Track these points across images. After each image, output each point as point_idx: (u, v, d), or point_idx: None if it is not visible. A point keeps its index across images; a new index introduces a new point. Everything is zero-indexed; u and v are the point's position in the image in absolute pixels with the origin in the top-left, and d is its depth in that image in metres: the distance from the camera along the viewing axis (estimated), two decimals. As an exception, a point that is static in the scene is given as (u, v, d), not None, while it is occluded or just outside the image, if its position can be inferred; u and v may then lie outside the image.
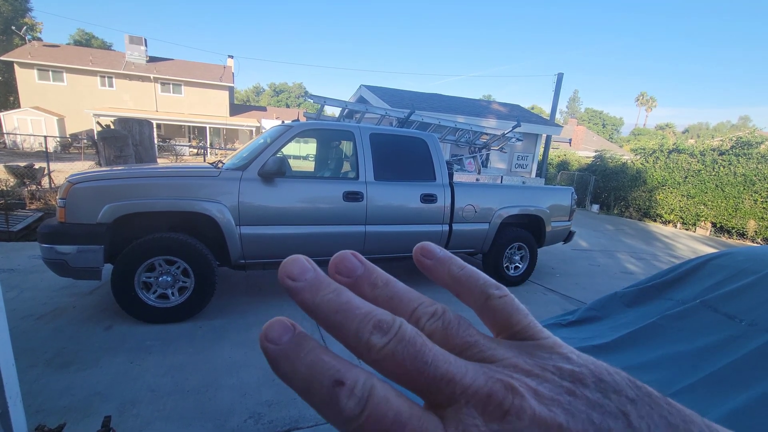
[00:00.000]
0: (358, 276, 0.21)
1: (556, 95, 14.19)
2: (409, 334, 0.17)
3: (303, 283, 0.19)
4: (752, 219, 9.84)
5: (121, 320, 3.00)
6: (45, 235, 2.77)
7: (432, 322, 0.20)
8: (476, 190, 4.32)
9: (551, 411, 0.16)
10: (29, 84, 23.27)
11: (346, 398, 0.16)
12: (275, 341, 0.17)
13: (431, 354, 0.17)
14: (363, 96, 12.83)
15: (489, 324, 0.22)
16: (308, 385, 0.16)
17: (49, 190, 7.37)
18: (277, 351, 0.17)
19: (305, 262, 0.19)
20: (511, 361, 0.18)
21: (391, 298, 0.20)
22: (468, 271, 0.23)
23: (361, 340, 0.17)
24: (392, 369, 0.17)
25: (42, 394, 2.13)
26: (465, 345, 0.19)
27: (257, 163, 3.26)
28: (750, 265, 1.29)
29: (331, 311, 0.18)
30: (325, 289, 0.19)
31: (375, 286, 0.21)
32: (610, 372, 0.18)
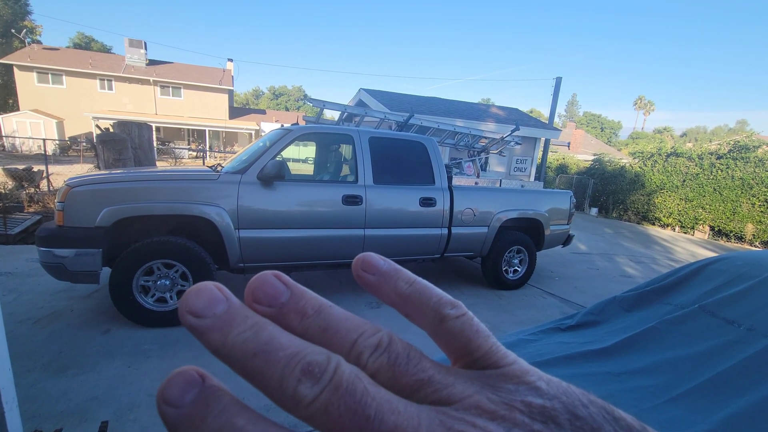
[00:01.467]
0: (282, 303, 0.16)
1: (554, 99, 14.25)
2: (346, 379, 0.14)
3: (210, 320, 0.15)
4: (750, 222, 9.87)
5: (119, 324, 2.99)
6: (43, 239, 2.76)
7: (375, 358, 0.16)
8: (475, 194, 4.32)
9: None
10: (28, 87, 23.27)
11: None
12: (174, 403, 0.14)
13: (374, 404, 0.13)
14: (362, 99, 12.86)
15: (445, 349, 0.19)
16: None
17: (47, 193, 7.36)
18: (176, 416, 0.14)
19: (214, 291, 0.15)
20: (473, 400, 0.15)
21: (324, 329, 0.16)
22: (418, 287, 0.19)
23: (286, 390, 0.14)
24: (327, 426, 0.13)
25: (38, 399, 2.12)
26: (417, 384, 0.16)
27: (256, 166, 3.27)
28: (748, 270, 1.29)
29: (248, 355, 0.14)
30: (239, 326, 0.15)
31: (304, 315, 0.16)
32: (584, 403, 0.16)
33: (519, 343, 1.42)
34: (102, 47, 37.18)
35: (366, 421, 0.13)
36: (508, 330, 3.45)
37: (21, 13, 28.60)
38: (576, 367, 1.21)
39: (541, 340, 1.43)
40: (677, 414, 0.97)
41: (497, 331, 3.47)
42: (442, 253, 4.16)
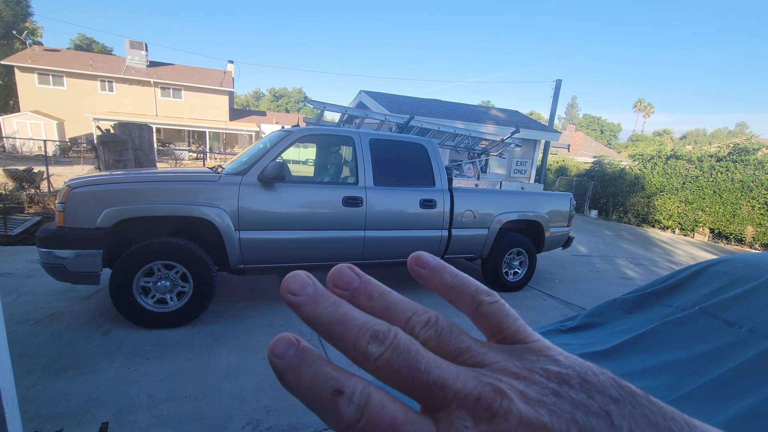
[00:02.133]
0: (354, 288, 0.22)
1: (554, 101, 14.27)
2: (403, 342, 0.18)
3: (303, 297, 0.20)
4: (750, 225, 9.87)
5: (119, 325, 2.99)
6: (43, 239, 2.76)
7: (426, 330, 0.20)
8: (475, 196, 4.33)
9: (537, 412, 0.17)
10: (29, 88, 23.31)
11: (345, 405, 0.17)
12: (281, 356, 0.19)
13: (424, 361, 0.18)
14: (362, 101, 12.88)
15: (481, 329, 0.23)
16: (311, 394, 0.18)
17: (47, 194, 7.36)
18: (283, 365, 0.19)
19: (305, 278, 0.20)
20: (501, 365, 0.19)
21: (386, 308, 0.21)
22: (460, 279, 0.23)
23: (359, 349, 0.18)
24: (389, 376, 0.18)
25: (38, 400, 2.11)
26: (457, 351, 0.20)
27: (257, 168, 3.27)
28: (749, 272, 1.30)
29: (331, 323, 0.19)
30: (324, 303, 0.20)
31: (371, 298, 0.21)
32: (595, 373, 0.19)
33: (520, 345, 1.42)
34: (103, 49, 37.25)
35: (418, 372, 0.18)
36: (509, 332, 3.44)
37: (22, 15, 28.67)
38: (577, 369, 1.21)
39: (541, 342, 1.43)
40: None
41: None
42: (442, 255, 4.16)
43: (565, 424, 0.17)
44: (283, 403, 2.24)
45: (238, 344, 2.87)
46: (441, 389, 0.17)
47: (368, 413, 0.17)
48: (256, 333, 3.07)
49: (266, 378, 2.47)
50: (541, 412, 0.17)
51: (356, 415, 0.17)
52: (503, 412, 0.17)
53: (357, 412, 0.17)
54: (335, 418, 0.17)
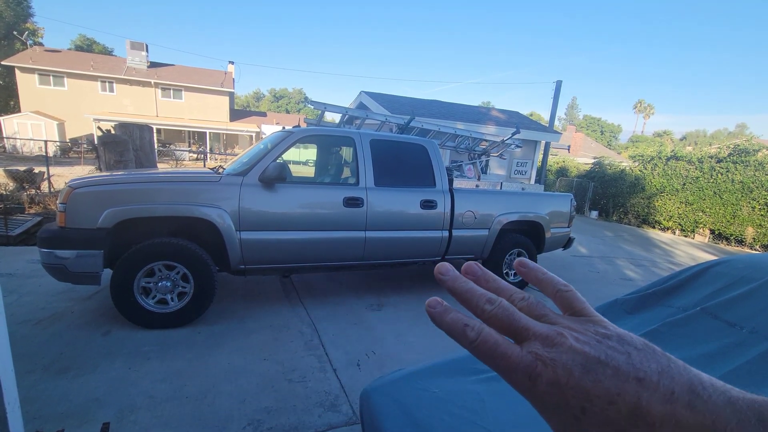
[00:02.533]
0: (478, 276, 0.34)
1: (554, 102, 14.28)
2: (506, 305, 0.29)
3: (448, 277, 0.32)
4: (750, 226, 9.87)
5: (119, 325, 2.99)
6: (44, 240, 2.76)
7: (520, 302, 0.31)
8: (476, 197, 4.33)
9: (582, 346, 0.26)
10: (30, 88, 23.33)
11: (470, 331, 0.28)
12: (434, 307, 0.30)
13: (518, 315, 0.29)
14: (363, 102, 12.89)
15: (560, 307, 0.32)
16: (451, 328, 0.29)
17: (48, 195, 7.37)
18: (435, 312, 0.30)
19: (449, 266, 0.33)
20: (566, 324, 0.29)
21: (497, 289, 0.32)
22: (548, 275, 0.34)
23: (479, 307, 0.30)
24: (495, 323, 0.29)
25: (40, 400, 2.11)
26: (540, 315, 0.30)
27: (258, 168, 3.27)
28: (749, 273, 1.30)
29: (463, 291, 0.31)
30: (459, 281, 0.32)
31: (488, 282, 0.33)
32: (630, 335, 0.28)
33: (521, 346, 1.42)
34: (103, 49, 37.28)
35: (513, 320, 0.28)
36: (509, 333, 3.44)
37: (23, 16, 28.71)
38: (578, 370, 1.21)
39: (543, 343, 1.43)
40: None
41: (498, 333, 3.47)
42: (442, 256, 4.16)
43: (597, 353, 0.26)
44: (283, 403, 2.24)
45: (239, 345, 2.87)
46: (526, 330, 0.28)
47: (482, 336, 0.28)
48: (256, 334, 3.07)
49: (267, 379, 2.47)
50: (584, 347, 0.26)
51: (475, 337, 0.28)
52: (559, 343, 0.27)
53: (476, 335, 0.28)
54: (464, 339, 0.28)
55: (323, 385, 2.46)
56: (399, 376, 1.30)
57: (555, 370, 0.26)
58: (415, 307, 3.87)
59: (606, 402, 0.24)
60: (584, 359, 0.26)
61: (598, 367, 0.25)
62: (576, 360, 0.26)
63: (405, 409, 1.14)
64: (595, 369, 0.25)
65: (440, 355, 1.44)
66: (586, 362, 0.26)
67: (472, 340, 0.28)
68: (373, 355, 2.90)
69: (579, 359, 0.26)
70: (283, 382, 2.46)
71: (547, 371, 0.26)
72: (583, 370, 0.25)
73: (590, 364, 0.26)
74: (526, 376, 0.26)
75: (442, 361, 1.37)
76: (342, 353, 2.88)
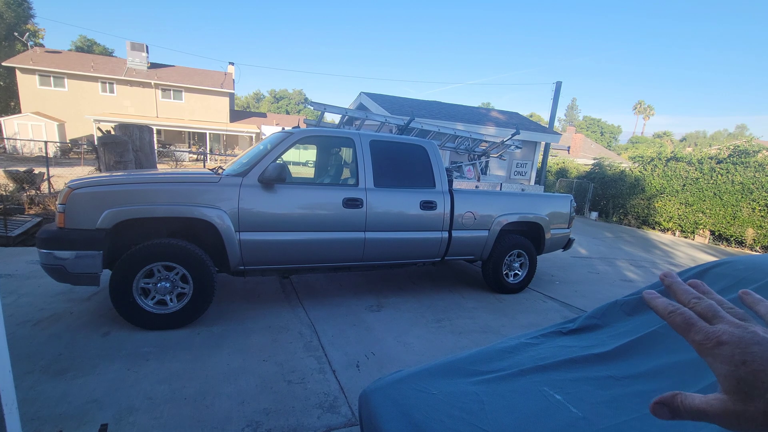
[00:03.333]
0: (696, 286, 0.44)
1: (554, 103, 14.29)
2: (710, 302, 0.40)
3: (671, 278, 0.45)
4: (750, 227, 9.87)
5: (118, 326, 2.98)
6: (43, 240, 2.76)
7: (695, 305, 0.40)
8: (476, 198, 4.33)
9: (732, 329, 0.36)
10: (30, 89, 23.35)
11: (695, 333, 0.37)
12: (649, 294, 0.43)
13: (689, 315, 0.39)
14: (363, 103, 12.90)
15: None
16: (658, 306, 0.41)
17: (48, 195, 7.37)
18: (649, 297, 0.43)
19: (673, 272, 0.45)
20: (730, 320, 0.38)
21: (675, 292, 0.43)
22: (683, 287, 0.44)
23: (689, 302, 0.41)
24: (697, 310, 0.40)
25: (38, 402, 2.11)
26: (711, 317, 0.39)
27: (257, 169, 3.27)
28: (750, 274, 1.29)
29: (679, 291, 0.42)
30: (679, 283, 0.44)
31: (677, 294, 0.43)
32: None
33: (521, 347, 1.41)
34: (104, 50, 37.33)
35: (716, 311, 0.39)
36: (509, 334, 3.44)
37: (24, 17, 28.75)
38: (578, 371, 1.21)
39: (542, 344, 1.42)
40: (680, 418, 0.96)
41: (498, 335, 3.47)
42: (442, 257, 4.16)
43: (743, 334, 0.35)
44: (282, 404, 2.24)
45: (238, 346, 2.86)
46: (720, 319, 0.38)
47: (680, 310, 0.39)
48: (256, 335, 3.06)
49: (266, 380, 2.47)
50: (735, 331, 0.36)
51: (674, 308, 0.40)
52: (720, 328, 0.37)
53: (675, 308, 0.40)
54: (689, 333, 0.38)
55: (322, 387, 2.46)
56: (398, 378, 1.30)
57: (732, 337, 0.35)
58: (415, 308, 3.87)
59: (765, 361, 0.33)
60: (758, 339, 0.35)
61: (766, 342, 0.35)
62: (753, 337, 0.35)
63: (404, 411, 1.14)
64: (764, 343, 0.34)
65: (439, 357, 1.43)
66: (759, 340, 0.35)
67: (671, 310, 0.39)
68: (373, 356, 2.90)
69: (754, 338, 0.35)
70: (282, 383, 2.45)
71: (725, 336, 0.35)
72: (756, 341, 0.35)
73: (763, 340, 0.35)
74: (705, 337, 0.36)
75: (442, 362, 1.37)
76: (341, 354, 2.88)
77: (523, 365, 1.28)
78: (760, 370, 0.33)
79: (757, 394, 0.33)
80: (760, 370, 0.33)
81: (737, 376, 0.34)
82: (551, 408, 1.10)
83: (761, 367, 0.33)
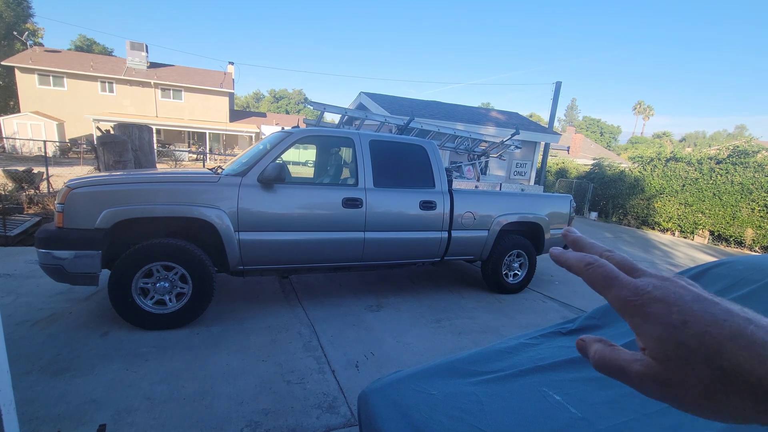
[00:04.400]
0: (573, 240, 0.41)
1: (554, 103, 14.29)
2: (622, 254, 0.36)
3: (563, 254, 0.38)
4: (750, 227, 9.87)
5: (117, 326, 2.98)
6: (42, 240, 2.75)
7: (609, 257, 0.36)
8: (475, 198, 4.32)
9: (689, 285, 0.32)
10: (30, 89, 23.32)
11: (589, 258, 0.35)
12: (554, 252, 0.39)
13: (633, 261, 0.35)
14: (362, 103, 12.89)
15: None
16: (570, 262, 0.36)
17: (47, 195, 7.36)
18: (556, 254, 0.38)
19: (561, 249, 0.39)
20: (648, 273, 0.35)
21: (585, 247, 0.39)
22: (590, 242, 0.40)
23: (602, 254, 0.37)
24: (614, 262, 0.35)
25: (36, 402, 2.10)
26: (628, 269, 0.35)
27: (257, 169, 3.27)
28: (750, 274, 1.29)
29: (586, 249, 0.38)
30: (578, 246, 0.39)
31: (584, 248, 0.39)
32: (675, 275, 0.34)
33: (520, 347, 1.41)
34: (103, 50, 37.30)
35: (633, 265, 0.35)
36: (509, 334, 3.44)
37: (23, 16, 28.71)
38: (578, 371, 1.21)
39: (542, 344, 1.42)
40: (681, 418, 0.96)
41: (497, 335, 3.46)
42: (442, 257, 4.15)
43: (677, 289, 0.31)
44: (281, 405, 2.23)
45: (237, 346, 2.86)
46: (641, 272, 0.34)
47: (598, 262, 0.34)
48: (255, 335, 3.06)
49: (265, 380, 2.46)
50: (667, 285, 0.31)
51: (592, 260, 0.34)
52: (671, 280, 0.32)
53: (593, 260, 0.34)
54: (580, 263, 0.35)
55: (322, 387, 2.45)
56: (397, 378, 1.30)
57: (665, 293, 0.30)
58: (414, 308, 3.87)
59: (709, 322, 0.28)
60: (694, 295, 0.30)
61: (706, 301, 0.30)
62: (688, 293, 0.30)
63: (403, 411, 1.14)
64: (703, 301, 0.30)
65: (439, 357, 1.43)
66: (696, 297, 0.30)
67: (589, 262, 0.34)
68: (372, 356, 2.89)
69: (690, 295, 0.30)
70: (282, 383, 2.45)
71: (657, 292, 0.31)
72: (694, 298, 0.30)
73: (700, 297, 0.30)
74: (633, 292, 0.31)
75: (441, 362, 1.36)
76: (341, 354, 2.87)
77: (523, 366, 1.28)
78: (704, 332, 0.27)
79: (698, 361, 0.27)
80: (704, 332, 0.27)
81: (677, 340, 0.28)
82: (551, 408, 1.09)
83: (705, 329, 0.28)
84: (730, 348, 0.27)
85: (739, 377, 0.26)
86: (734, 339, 0.27)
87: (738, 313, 0.28)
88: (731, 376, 0.26)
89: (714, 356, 0.27)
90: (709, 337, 0.27)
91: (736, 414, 0.27)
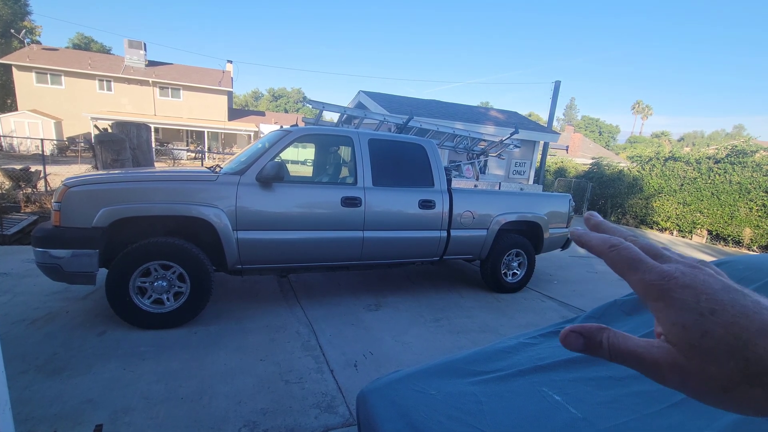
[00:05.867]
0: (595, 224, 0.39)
1: (553, 103, 14.30)
2: (626, 244, 0.33)
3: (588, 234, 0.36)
4: (748, 227, 9.89)
5: (114, 326, 2.96)
6: (39, 239, 2.74)
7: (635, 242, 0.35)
8: (474, 197, 4.32)
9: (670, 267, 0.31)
10: (27, 87, 23.21)
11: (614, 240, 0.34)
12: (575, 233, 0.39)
13: (635, 250, 0.33)
14: (361, 102, 12.87)
15: None
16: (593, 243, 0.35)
17: (44, 194, 7.33)
18: (578, 234, 0.37)
19: (582, 230, 0.38)
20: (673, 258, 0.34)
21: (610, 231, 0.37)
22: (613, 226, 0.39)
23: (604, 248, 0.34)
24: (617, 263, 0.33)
25: (32, 402, 2.09)
26: (654, 254, 0.33)
27: (255, 167, 3.25)
28: (749, 274, 1.29)
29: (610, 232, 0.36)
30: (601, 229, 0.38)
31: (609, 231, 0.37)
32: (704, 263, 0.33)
33: (519, 347, 1.40)
34: (101, 48, 37.16)
35: (660, 251, 0.33)
36: (508, 333, 3.43)
37: (20, 14, 28.57)
38: (578, 371, 1.20)
39: (541, 344, 1.42)
40: (680, 419, 0.96)
41: (496, 334, 3.46)
42: (441, 256, 4.15)
43: (706, 277, 0.30)
44: (280, 404, 2.23)
45: (236, 345, 2.85)
46: (668, 258, 0.33)
47: (623, 244, 0.33)
48: (253, 334, 3.05)
49: (263, 379, 2.45)
50: (694, 272, 0.30)
51: (617, 242, 0.33)
52: (699, 268, 0.31)
53: (618, 242, 0.33)
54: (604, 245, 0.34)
55: (320, 387, 2.45)
56: (396, 378, 1.29)
57: (694, 279, 0.29)
58: (413, 308, 3.86)
59: (738, 313, 0.27)
60: (723, 285, 0.29)
61: (735, 291, 0.29)
62: (717, 282, 0.29)
63: (402, 411, 1.13)
64: (733, 291, 0.29)
65: (438, 356, 1.43)
66: (725, 286, 0.29)
67: (614, 244, 0.33)
68: (371, 355, 2.89)
69: (718, 284, 0.29)
70: (280, 383, 2.44)
71: (684, 278, 0.29)
72: (723, 287, 0.29)
73: (729, 287, 0.29)
74: (660, 276, 0.30)
75: (440, 362, 1.36)
76: (339, 354, 2.86)
77: (522, 365, 1.27)
78: (732, 323, 0.27)
79: (722, 351, 0.26)
80: (732, 323, 0.27)
81: (703, 328, 0.27)
82: (550, 409, 1.09)
83: (733, 320, 0.27)
84: (758, 341, 0.26)
85: (765, 371, 0.25)
86: (763, 332, 0.26)
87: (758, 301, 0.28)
88: (756, 369, 0.26)
89: (741, 348, 0.26)
90: (738, 328, 0.26)
91: (755, 406, 0.27)
